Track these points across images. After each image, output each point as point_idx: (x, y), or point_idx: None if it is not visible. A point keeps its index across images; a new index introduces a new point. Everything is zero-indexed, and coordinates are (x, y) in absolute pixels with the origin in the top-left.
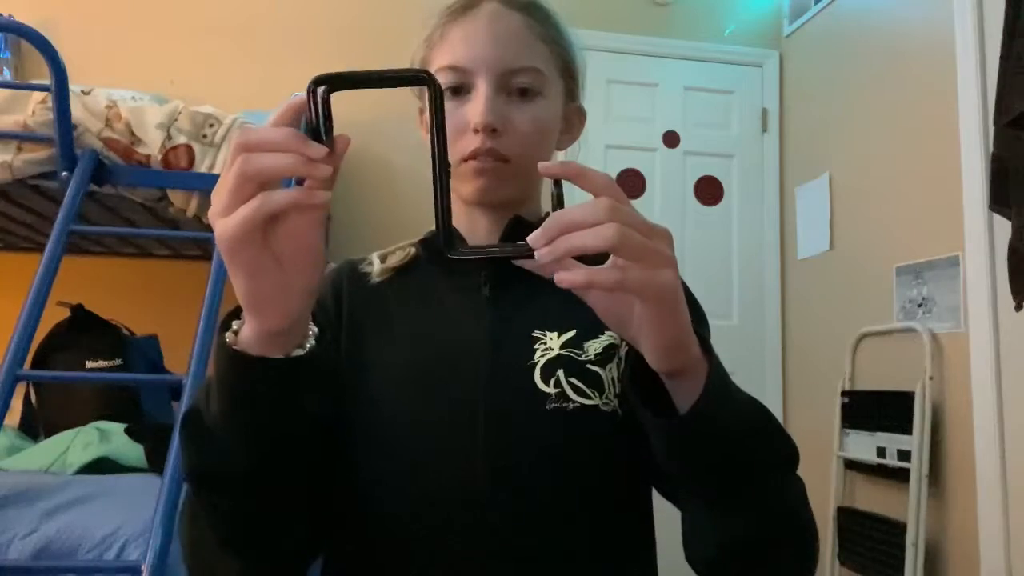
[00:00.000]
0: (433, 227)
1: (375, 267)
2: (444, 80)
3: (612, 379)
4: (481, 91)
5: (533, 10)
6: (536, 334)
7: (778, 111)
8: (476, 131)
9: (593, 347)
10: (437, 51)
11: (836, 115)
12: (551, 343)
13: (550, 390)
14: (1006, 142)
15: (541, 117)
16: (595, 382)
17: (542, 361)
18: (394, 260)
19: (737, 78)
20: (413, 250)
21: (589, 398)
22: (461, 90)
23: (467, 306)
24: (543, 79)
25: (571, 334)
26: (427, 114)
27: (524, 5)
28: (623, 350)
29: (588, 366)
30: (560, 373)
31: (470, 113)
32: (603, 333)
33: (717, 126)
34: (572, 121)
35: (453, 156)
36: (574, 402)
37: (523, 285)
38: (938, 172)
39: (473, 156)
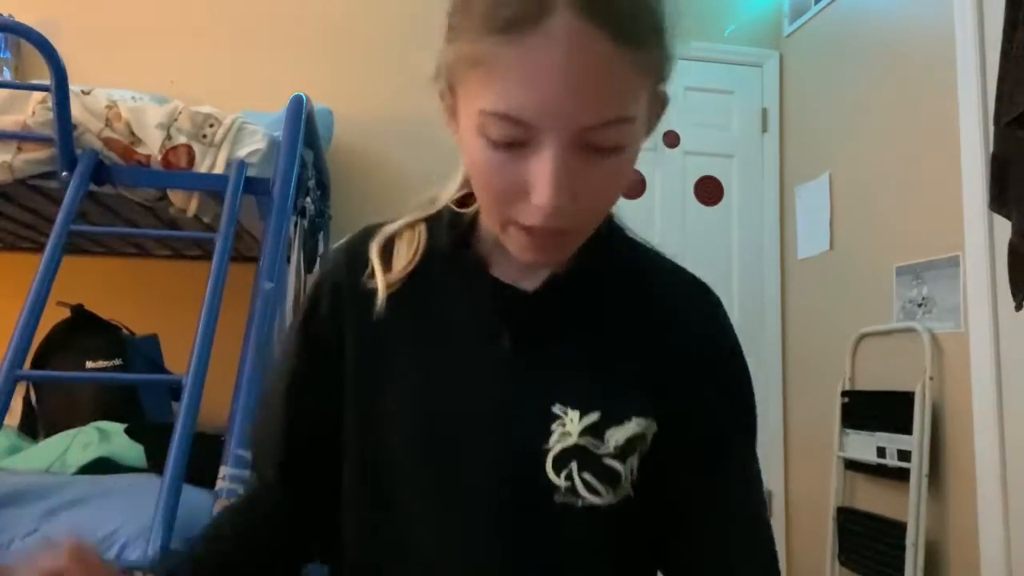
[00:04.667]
0: (436, 194)
1: (379, 282)
2: (497, 131)
3: (632, 469)
4: (548, 158)
5: (628, 21)
6: (557, 410)
7: (778, 111)
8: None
9: (615, 437)
10: (486, 81)
11: (836, 115)
12: (570, 426)
13: (560, 482)
14: (1006, 142)
15: (622, 173)
16: (611, 477)
17: (557, 448)
18: (400, 261)
19: (737, 78)
20: (422, 241)
21: (600, 496)
22: (518, 143)
23: (485, 360)
24: (632, 127)
25: (594, 418)
26: (460, 116)
27: (615, 15)
28: (651, 432)
29: (606, 460)
30: (573, 466)
31: (532, 177)
32: (630, 419)
33: (717, 126)
34: (654, 113)
35: (497, 213)
36: (584, 499)
37: (550, 335)
38: (938, 172)
39: (528, 231)
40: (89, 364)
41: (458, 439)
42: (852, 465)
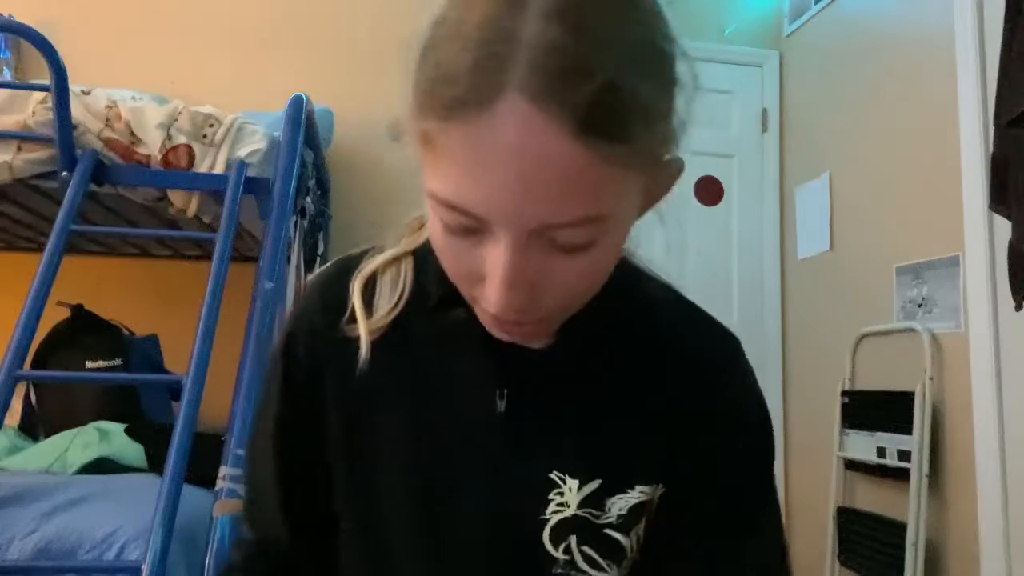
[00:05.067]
0: (424, 215)
1: (361, 330)
2: (447, 217)
3: (637, 539)
4: (500, 254)
5: (597, 110)
6: (554, 476)
7: (778, 111)
8: None
9: (618, 506)
10: (433, 163)
11: (836, 115)
12: (568, 496)
13: (559, 555)
14: (1006, 142)
15: (598, 267)
16: (613, 549)
17: (555, 519)
18: (384, 304)
19: (737, 78)
20: (408, 281)
21: (603, 571)
22: (472, 230)
23: (478, 421)
24: (609, 223)
25: (594, 486)
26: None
27: (579, 102)
28: (657, 496)
29: (607, 531)
30: (572, 539)
31: (486, 270)
32: (634, 486)
33: (717, 126)
34: (659, 187)
35: (462, 289)
36: (583, 573)
37: (550, 396)
38: (938, 172)
39: (494, 315)
40: (89, 364)
41: (452, 507)
42: (852, 465)
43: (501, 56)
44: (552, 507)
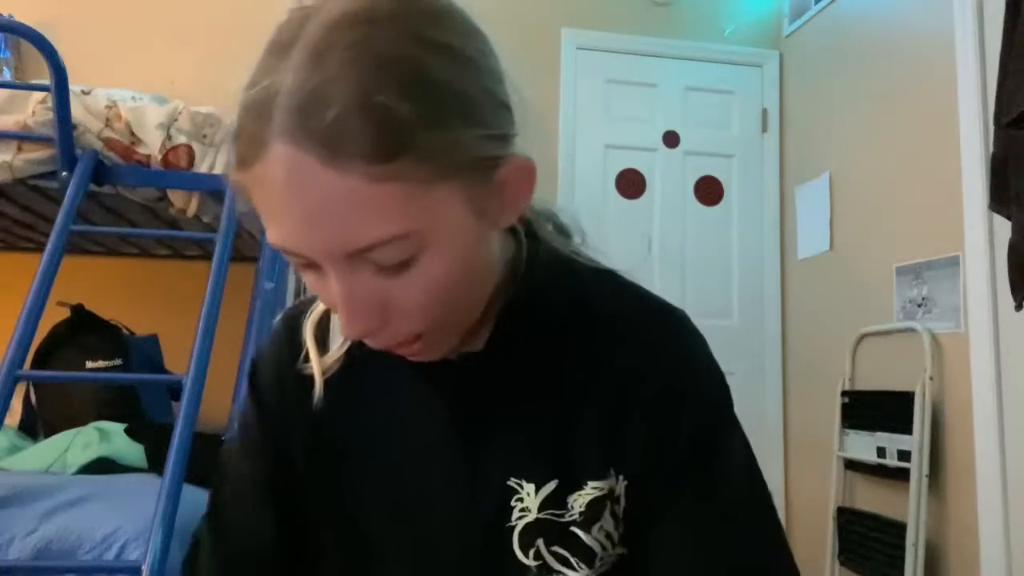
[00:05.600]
0: None
1: (314, 369)
2: (289, 258)
3: (605, 536)
4: (333, 285)
5: (354, 139)
6: (512, 483)
7: (778, 111)
8: None
9: (578, 503)
10: (255, 207)
11: (836, 115)
12: (528, 500)
13: (530, 562)
14: (1006, 142)
15: (436, 279)
16: (582, 550)
17: (520, 525)
18: (336, 341)
19: (737, 78)
20: None
21: (575, 570)
22: (311, 265)
23: (434, 440)
24: (413, 239)
25: (552, 487)
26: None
27: (334, 136)
28: (620, 488)
29: (572, 529)
30: (540, 543)
31: (334, 301)
32: (587, 483)
33: (717, 126)
34: (493, 191)
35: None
36: (557, 572)
37: (495, 404)
38: (938, 172)
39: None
40: (89, 364)
41: (424, 529)
42: (852, 465)
43: (266, 108)
44: (516, 513)
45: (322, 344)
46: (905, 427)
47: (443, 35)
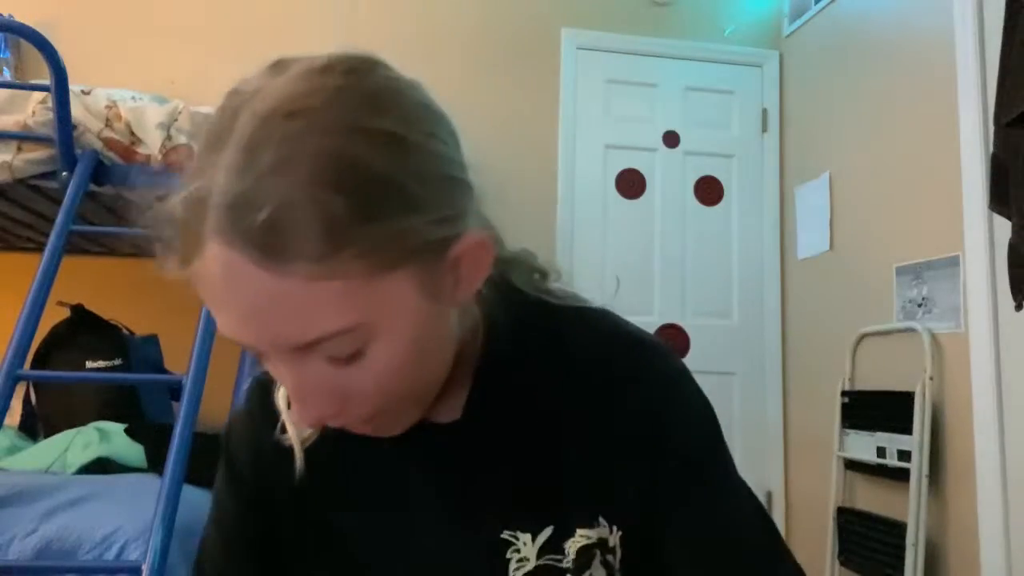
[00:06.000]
0: None
1: (293, 440)
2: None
3: None
4: (284, 373)
5: (286, 237)
6: (506, 536)
7: (778, 111)
8: None
9: (572, 548)
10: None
11: (836, 115)
12: (526, 550)
13: None
14: (1006, 142)
15: (389, 366)
16: None
17: (519, 575)
18: None
19: (737, 78)
20: None
21: None
22: (261, 354)
23: (422, 502)
24: (361, 331)
25: (548, 533)
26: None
27: (266, 235)
28: (614, 539)
29: None
30: None
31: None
32: (576, 530)
33: (717, 126)
34: (446, 272)
35: None
36: None
37: (481, 461)
38: (938, 172)
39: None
40: (89, 364)
41: None
42: (852, 465)
43: (201, 206)
44: (514, 565)
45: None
46: (905, 427)
47: (382, 122)
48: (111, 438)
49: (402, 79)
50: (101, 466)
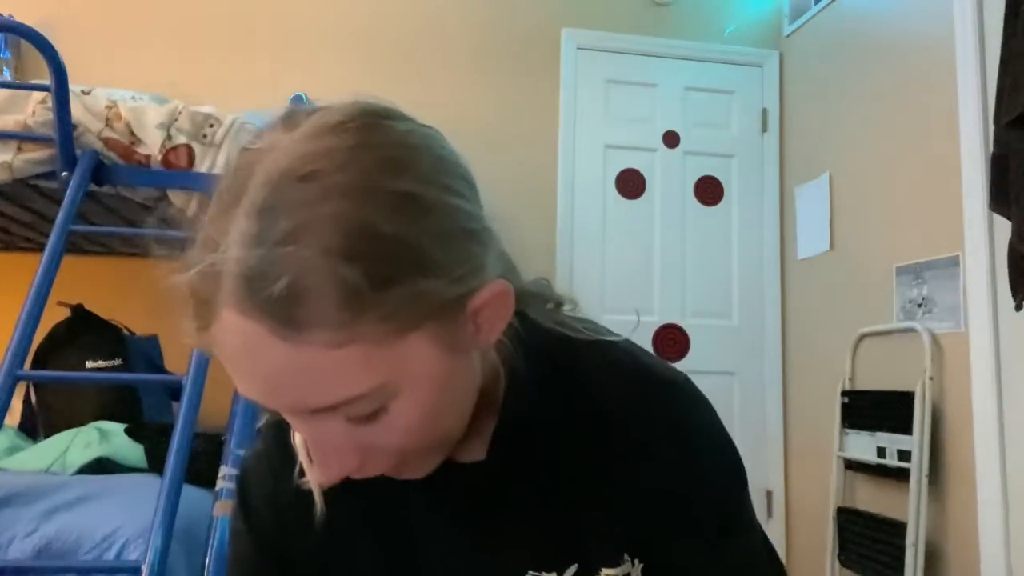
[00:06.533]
0: None
1: (312, 485)
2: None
3: None
4: (303, 432)
5: (301, 308)
6: (531, 575)
7: (778, 111)
8: None
9: None
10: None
11: (836, 115)
12: None
13: None
14: (1006, 142)
15: (411, 420)
16: None
17: None
18: None
19: (737, 78)
20: None
21: None
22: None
23: (445, 543)
24: (382, 391)
25: (572, 571)
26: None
27: (281, 306)
28: (636, 573)
29: None
30: None
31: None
32: (601, 569)
33: (717, 126)
34: (479, 321)
35: None
36: None
37: (505, 501)
38: (938, 172)
39: None
40: (89, 364)
41: None
42: (852, 465)
43: (215, 274)
44: None
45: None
46: (905, 427)
47: (398, 183)
48: (111, 438)
49: (418, 130)
50: (101, 466)
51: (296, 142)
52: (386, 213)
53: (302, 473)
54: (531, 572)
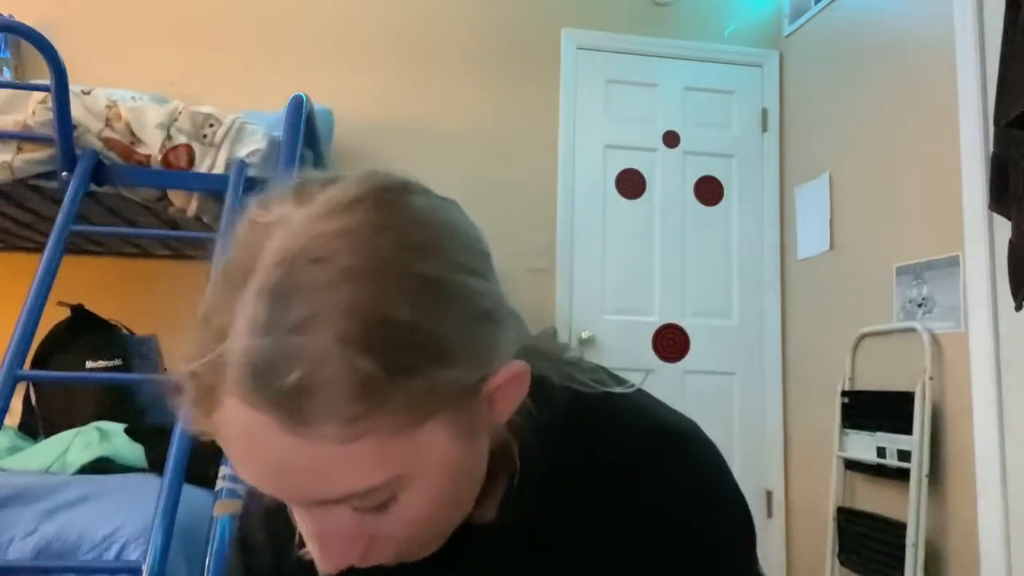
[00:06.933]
0: None
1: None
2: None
3: None
4: (305, 522)
5: (307, 403)
6: None
7: (778, 111)
8: None
9: None
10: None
11: (836, 115)
12: None
13: None
14: (1006, 142)
15: (421, 510)
16: None
17: None
18: None
19: (737, 78)
20: None
21: None
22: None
23: None
24: (392, 483)
25: None
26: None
27: (290, 397)
28: None
29: None
30: None
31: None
32: None
33: (717, 126)
34: (494, 403)
35: None
36: None
37: (516, 563)
38: (938, 172)
39: None
40: (89, 364)
41: None
42: (852, 465)
43: (219, 361)
44: None
45: None
46: (905, 427)
47: (416, 266)
48: (111, 438)
49: (435, 203)
50: (101, 466)
51: (309, 220)
52: (405, 300)
53: (302, 544)
54: None
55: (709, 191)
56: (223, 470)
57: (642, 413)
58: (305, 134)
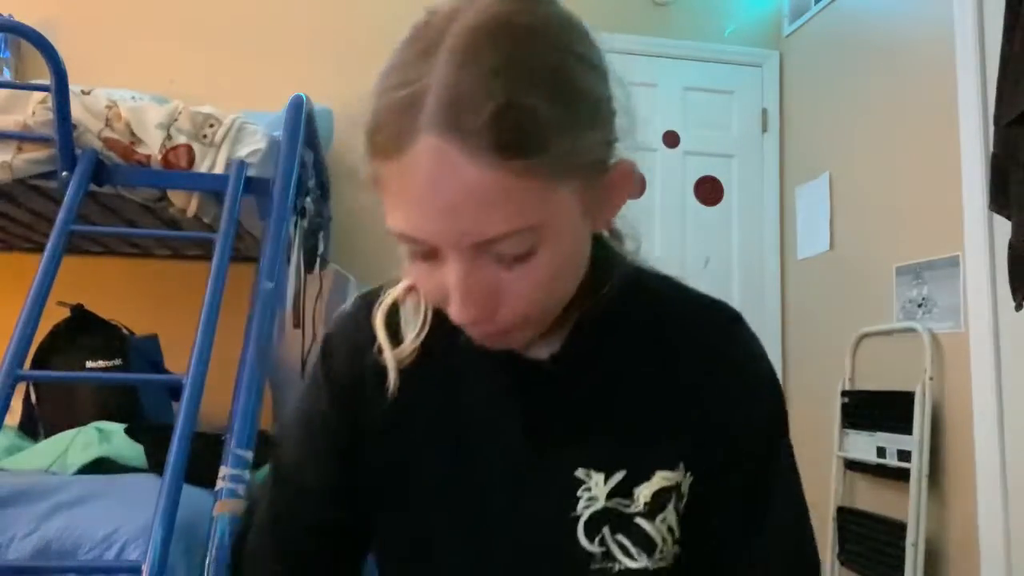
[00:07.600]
0: None
1: (388, 360)
2: (406, 246)
3: (667, 529)
4: (452, 273)
5: (503, 133)
6: (580, 474)
7: (778, 111)
8: None
9: (643, 494)
10: (384, 199)
11: (836, 115)
12: (596, 490)
13: (595, 549)
14: (1006, 142)
15: (548, 272)
16: (644, 540)
17: (586, 514)
18: (409, 333)
19: (737, 78)
20: (429, 307)
21: (635, 560)
22: (430, 254)
23: (503, 433)
24: (535, 233)
25: (620, 477)
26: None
27: (485, 129)
28: (685, 484)
29: (637, 520)
30: (606, 530)
31: (447, 285)
32: (655, 472)
33: (717, 126)
34: (602, 191)
35: (443, 310)
36: (620, 563)
37: (568, 400)
38: (938, 172)
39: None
40: (89, 364)
41: (486, 519)
42: (852, 465)
43: (414, 101)
44: (582, 503)
45: (393, 336)
46: (905, 427)
47: (585, 48)
48: (111, 438)
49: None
50: (101, 466)
51: (489, 4)
52: (580, 69)
53: (379, 351)
54: (581, 470)
55: (709, 191)
56: (223, 470)
57: (697, 293)
58: (305, 134)
